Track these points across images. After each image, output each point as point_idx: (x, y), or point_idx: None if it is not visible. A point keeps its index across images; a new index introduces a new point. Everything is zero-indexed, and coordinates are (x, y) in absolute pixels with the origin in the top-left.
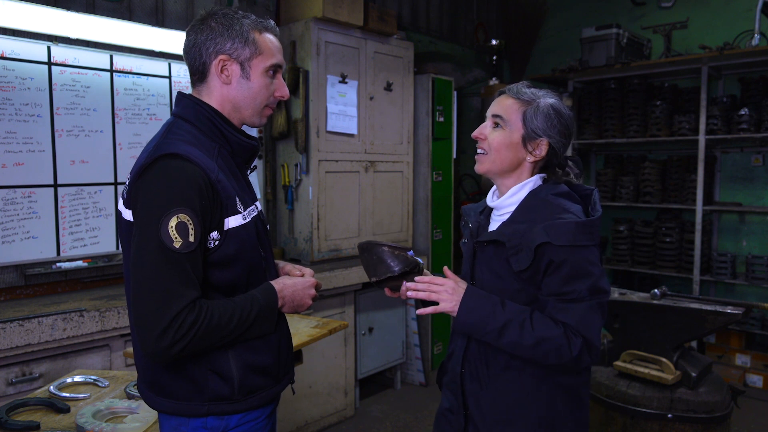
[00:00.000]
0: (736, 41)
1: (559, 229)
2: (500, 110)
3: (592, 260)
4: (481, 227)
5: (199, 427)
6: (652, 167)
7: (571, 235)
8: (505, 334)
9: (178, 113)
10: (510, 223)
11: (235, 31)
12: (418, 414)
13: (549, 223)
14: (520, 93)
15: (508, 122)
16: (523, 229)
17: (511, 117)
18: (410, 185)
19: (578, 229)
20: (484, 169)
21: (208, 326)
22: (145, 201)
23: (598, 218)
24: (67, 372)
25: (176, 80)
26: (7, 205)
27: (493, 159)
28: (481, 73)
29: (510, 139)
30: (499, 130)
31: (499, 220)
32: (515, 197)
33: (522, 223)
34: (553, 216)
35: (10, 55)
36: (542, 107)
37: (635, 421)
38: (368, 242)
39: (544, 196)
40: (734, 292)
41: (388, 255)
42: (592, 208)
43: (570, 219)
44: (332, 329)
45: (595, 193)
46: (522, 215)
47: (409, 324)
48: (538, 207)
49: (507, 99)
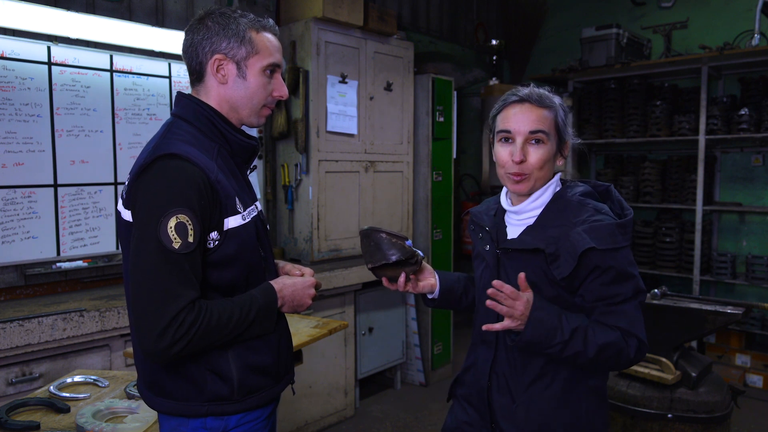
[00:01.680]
0: (736, 41)
1: (601, 232)
2: (541, 125)
3: (632, 260)
4: (499, 231)
5: (198, 427)
6: (652, 167)
7: (612, 237)
8: (570, 346)
9: (177, 113)
10: (538, 227)
11: (231, 30)
12: (418, 414)
13: (588, 226)
14: (544, 99)
15: (549, 135)
16: (557, 234)
17: (551, 129)
18: (410, 185)
19: (617, 230)
20: (527, 190)
21: (207, 326)
22: (144, 201)
23: (632, 217)
24: (67, 372)
25: (176, 80)
26: (7, 205)
27: (537, 177)
28: (481, 73)
29: (551, 152)
30: (542, 147)
31: (520, 224)
32: (539, 201)
33: (554, 227)
34: (587, 218)
35: (10, 55)
36: (564, 110)
37: (635, 421)
38: (369, 228)
39: (570, 198)
40: (734, 292)
41: (386, 242)
42: (616, 205)
43: (607, 220)
44: (332, 329)
45: (613, 190)
46: (552, 219)
47: (409, 324)
48: (568, 209)
49: (538, 110)
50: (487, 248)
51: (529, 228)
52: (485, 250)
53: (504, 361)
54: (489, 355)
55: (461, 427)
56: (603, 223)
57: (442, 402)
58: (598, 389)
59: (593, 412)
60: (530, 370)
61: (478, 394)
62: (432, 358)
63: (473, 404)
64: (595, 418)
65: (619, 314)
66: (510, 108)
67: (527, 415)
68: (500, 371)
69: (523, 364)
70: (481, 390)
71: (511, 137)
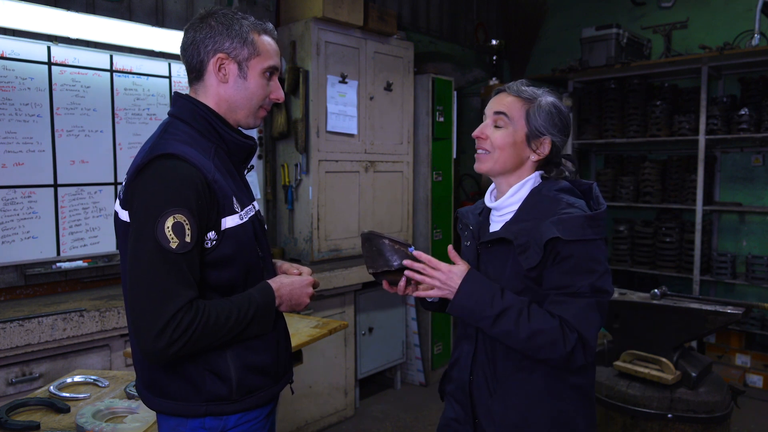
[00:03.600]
0: (736, 41)
1: (568, 223)
2: (503, 107)
3: (597, 257)
4: (482, 228)
5: (197, 427)
6: (652, 167)
7: (580, 229)
8: (500, 322)
9: (174, 113)
10: (514, 222)
11: (235, 30)
12: (418, 414)
13: (557, 217)
14: (521, 91)
15: (512, 120)
16: (529, 227)
17: (515, 115)
18: (410, 185)
19: (586, 222)
20: (486, 168)
21: (205, 326)
22: (142, 201)
23: (604, 211)
24: (67, 372)
25: (176, 80)
26: (7, 205)
27: (497, 158)
28: (481, 73)
29: (514, 138)
30: (502, 129)
31: (501, 220)
32: (516, 196)
33: (527, 221)
34: (558, 211)
35: (10, 55)
36: (544, 105)
37: (635, 421)
38: (370, 233)
39: (546, 193)
40: (734, 292)
41: (388, 248)
42: (594, 201)
43: (577, 212)
44: (332, 329)
45: (595, 187)
46: (526, 213)
47: (409, 324)
48: (542, 204)
49: (508, 97)
50: (468, 244)
51: (507, 223)
52: (466, 246)
53: (483, 355)
54: (470, 350)
55: (450, 424)
56: (572, 215)
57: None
58: (581, 387)
59: (575, 411)
60: (508, 365)
61: (461, 390)
62: (432, 358)
63: (459, 400)
64: (576, 417)
65: (567, 305)
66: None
67: (505, 410)
68: (480, 365)
69: (502, 359)
70: (463, 385)
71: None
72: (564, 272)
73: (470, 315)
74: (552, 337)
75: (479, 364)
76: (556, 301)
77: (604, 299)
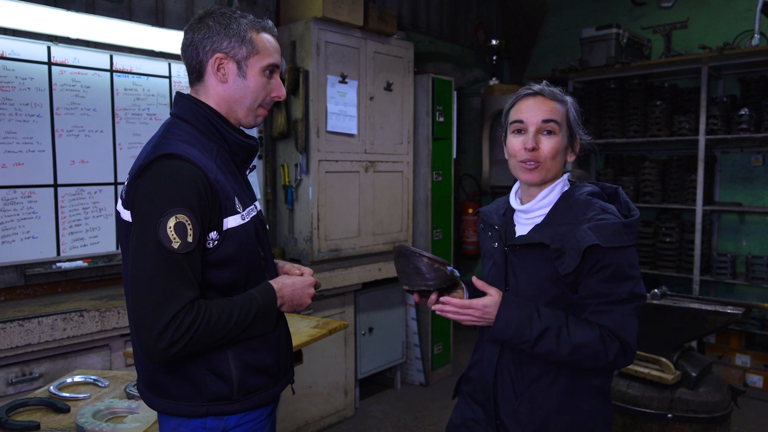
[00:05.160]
0: (736, 41)
1: (605, 230)
2: (553, 114)
3: (634, 262)
4: (508, 231)
5: (198, 427)
6: (652, 167)
7: (617, 236)
8: (541, 344)
9: (176, 113)
10: (546, 225)
11: (233, 30)
12: (418, 414)
13: (594, 224)
14: (556, 94)
15: (561, 126)
16: (564, 231)
17: (562, 120)
18: (410, 185)
19: (623, 229)
20: (539, 180)
21: (206, 326)
22: (144, 201)
23: (638, 217)
24: (67, 372)
25: (176, 80)
26: (7, 205)
27: (549, 167)
28: (481, 73)
29: (563, 144)
30: (554, 137)
31: (529, 223)
32: (547, 199)
33: (562, 225)
34: (593, 217)
35: (10, 55)
36: (572, 104)
37: (635, 421)
38: (406, 249)
39: (578, 197)
40: (734, 292)
41: (426, 267)
42: (623, 206)
43: (613, 219)
44: (332, 329)
45: (621, 192)
46: (559, 217)
47: (409, 324)
48: (575, 208)
49: (550, 102)
50: (496, 245)
51: (537, 226)
52: (494, 247)
53: (509, 358)
54: (495, 352)
55: (467, 423)
56: (609, 221)
57: (443, 402)
58: (602, 389)
59: (596, 412)
60: (534, 368)
61: (483, 391)
62: (432, 358)
63: (479, 401)
64: (597, 418)
65: (608, 314)
66: (524, 100)
67: (530, 412)
68: (505, 368)
69: (528, 362)
70: (486, 386)
71: (524, 127)
72: (604, 281)
73: (511, 340)
74: (594, 350)
75: (504, 367)
76: (598, 311)
77: (641, 303)
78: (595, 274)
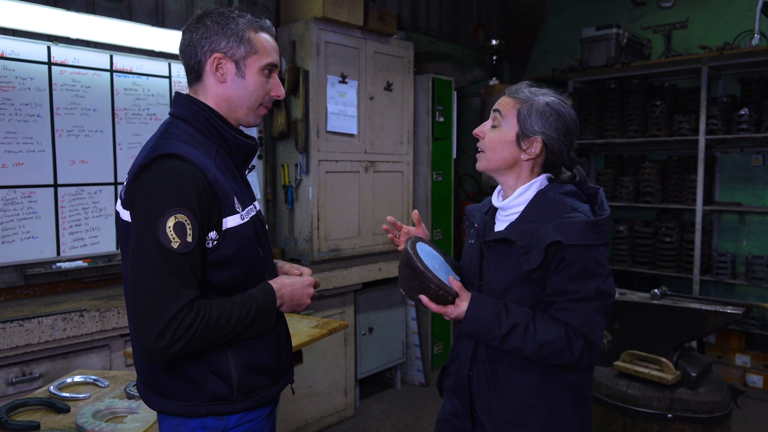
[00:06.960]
0: (736, 41)
1: (570, 227)
2: (498, 105)
3: (601, 261)
4: (487, 227)
5: (198, 427)
6: (652, 167)
7: (582, 234)
8: (508, 340)
9: (175, 113)
10: (519, 222)
11: (230, 29)
12: (418, 414)
13: (559, 221)
14: (518, 92)
15: (505, 119)
16: (532, 229)
17: (507, 114)
18: (410, 185)
19: (589, 227)
20: (482, 167)
21: (206, 326)
22: (143, 201)
23: (606, 217)
24: (67, 372)
25: (176, 80)
26: (7, 205)
27: (489, 157)
28: (481, 73)
29: (504, 137)
30: (496, 129)
31: (506, 220)
32: (522, 197)
33: (531, 222)
34: (562, 215)
35: (10, 55)
36: (536, 105)
37: (635, 421)
38: (416, 265)
39: (552, 196)
40: (734, 292)
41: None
42: (599, 207)
43: (580, 217)
44: (332, 329)
45: (601, 192)
46: (531, 215)
47: (409, 324)
48: (547, 206)
49: (506, 98)
50: (472, 242)
51: (512, 223)
52: (470, 243)
53: (483, 352)
54: (470, 346)
55: (448, 418)
56: (575, 220)
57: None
58: (576, 386)
59: (571, 409)
60: (508, 362)
61: (460, 384)
62: (432, 358)
63: (457, 395)
64: (572, 415)
65: (574, 312)
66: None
67: (503, 406)
68: (480, 361)
69: (501, 358)
70: (462, 380)
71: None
72: (569, 278)
73: (479, 336)
74: (559, 347)
75: (479, 361)
76: (563, 308)
77: (608, 301)
78: (561, 272)
